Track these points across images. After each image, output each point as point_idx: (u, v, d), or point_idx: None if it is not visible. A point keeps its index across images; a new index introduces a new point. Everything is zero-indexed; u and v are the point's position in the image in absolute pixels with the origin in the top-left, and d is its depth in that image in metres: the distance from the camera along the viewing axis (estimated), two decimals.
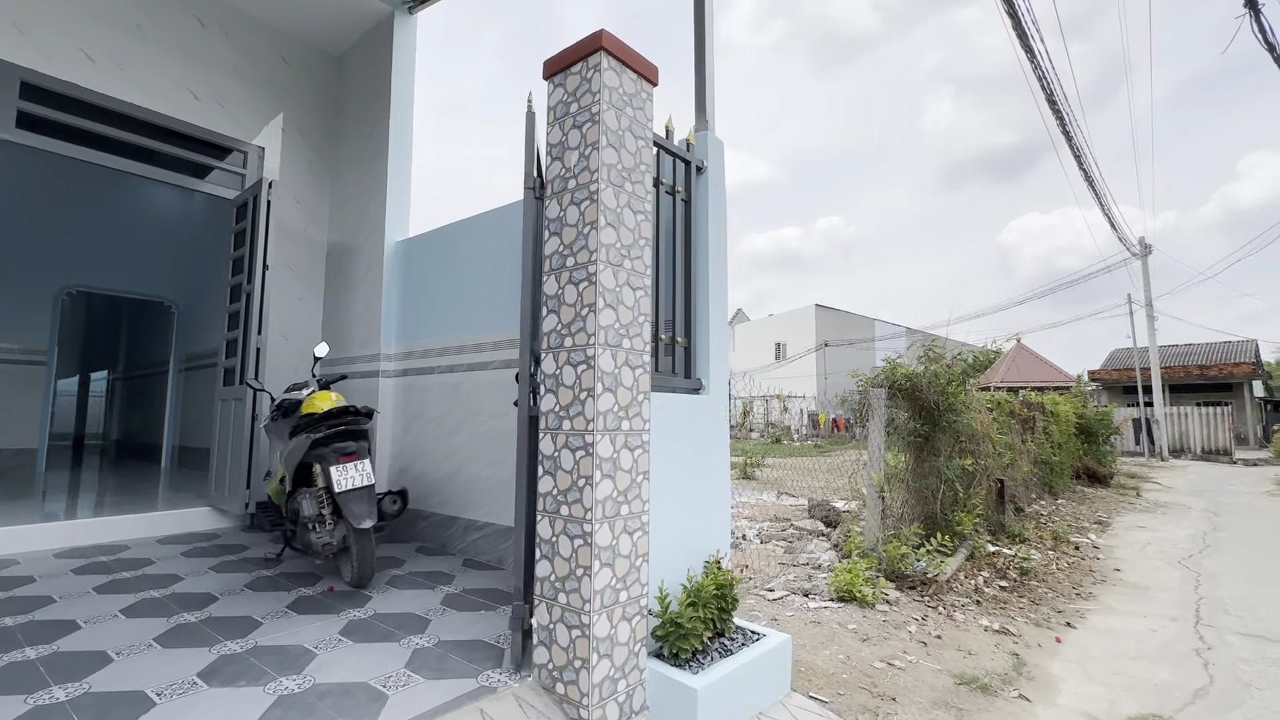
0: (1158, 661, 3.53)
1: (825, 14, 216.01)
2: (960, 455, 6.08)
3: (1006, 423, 7.97)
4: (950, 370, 5.40)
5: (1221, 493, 12.15)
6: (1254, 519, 8.72)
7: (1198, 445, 22.99)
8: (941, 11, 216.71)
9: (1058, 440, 10.35)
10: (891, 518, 5.20)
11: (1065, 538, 6.72)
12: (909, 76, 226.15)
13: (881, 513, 4.94)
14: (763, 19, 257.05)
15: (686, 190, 3.10)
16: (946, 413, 5.28)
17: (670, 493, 2.73)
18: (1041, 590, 4.88)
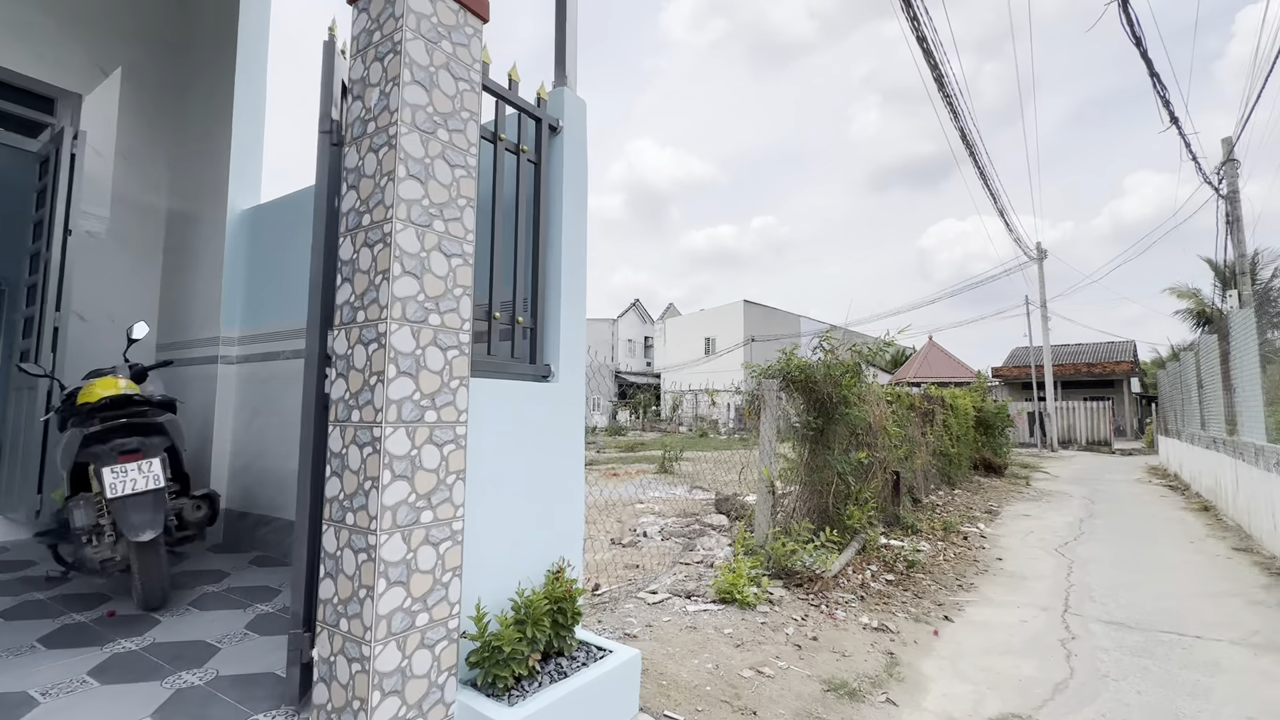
0: (1025, 655, 3.50)
1: (763, 17, 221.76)
2: (857, 448, 6.05)
3: (906, 415, 8.11)
4: (844, 362, 5.32)
5: (1100, 481, 13.04)
6: (1125, 505, 9.32)
7: (1083, 437, 24.89)
8: (870, 22, 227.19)
9: (957, 433, 10.74)
10: (784, 513, 5.06)
11: (956, 528, 6.86)
12: (841, 83, 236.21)
13: (772, 508, 4.78)
14: (703, 18, 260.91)
15: (536, 151, 2.74)
16: (840, 405, 5.19)
17: (501, 495, 2.37)
18: (926, 583, 4.86)
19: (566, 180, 2.80)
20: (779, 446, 5.72)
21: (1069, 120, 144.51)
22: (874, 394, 6.54)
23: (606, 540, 6.51)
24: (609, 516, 8.00)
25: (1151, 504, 9.49)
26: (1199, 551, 6.10)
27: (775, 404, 4.85)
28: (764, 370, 5.09)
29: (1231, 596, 4.57)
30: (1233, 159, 11.59)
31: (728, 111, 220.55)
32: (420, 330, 1.99)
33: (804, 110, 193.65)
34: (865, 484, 6.11)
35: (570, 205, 2.81)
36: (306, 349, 2.13)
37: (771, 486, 4.75)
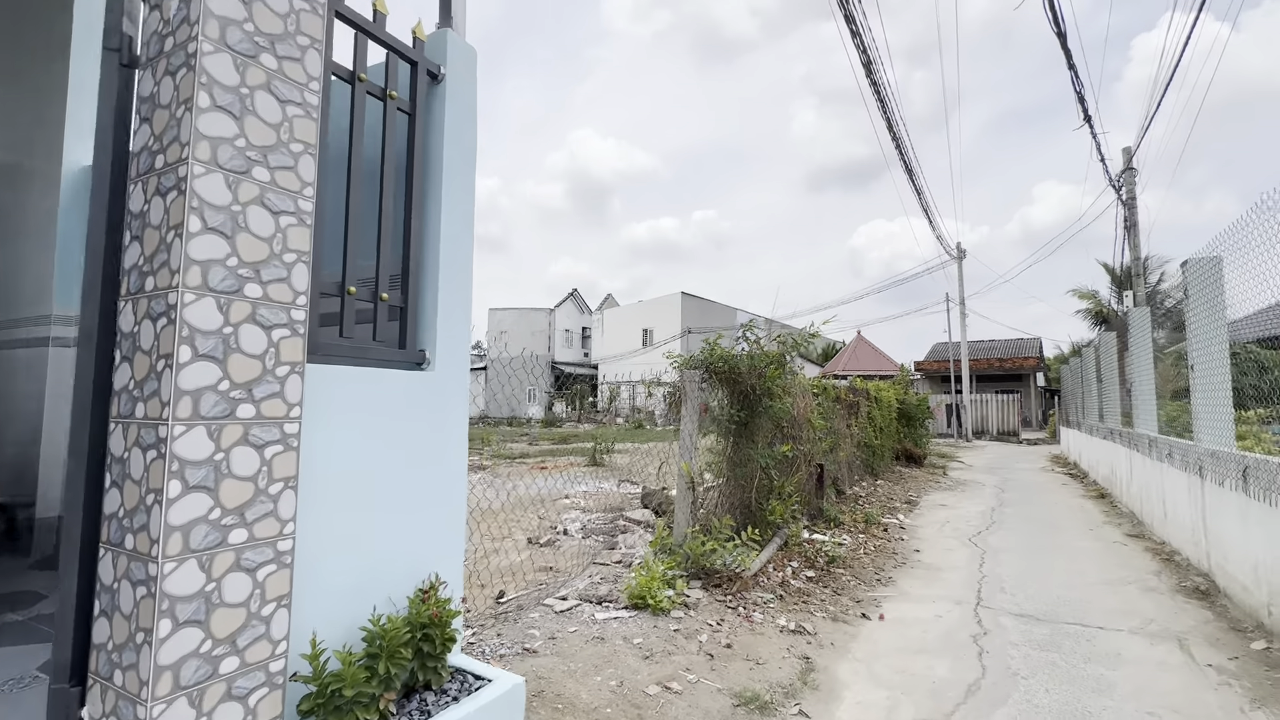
0: (939, 654, 3.42)
1: (707, 12, 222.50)
2: (781, 441, 5.93)
3: (832, 408, 8.13)
4: (768, 354, 5.16)
5: (1009, 470, 13.74)
6: (1032, 494, 9.78)
7: (995, 427, 26.41)
8: (809, 23, 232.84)
9: (880, 425, 10.98)
10: (706, 509, 4.86)
11: (877, 520, 6.91)
12: (781, 83, 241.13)
13: (692, 505, 4.56)
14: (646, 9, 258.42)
15: (411, 99, 2.34)
16: (764, 398, 5.03)
17: (356, 505, 2.00)
18: (846, 578, 4.79)
19: (449, 136, 2.42)
20: (703, 440, 5.53)
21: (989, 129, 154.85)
22: (799, 386, 6.46)
23: (523, 540, 6.15)
24: (532, 513, 7.63)
25: (1055, 492, 10.00)
26: (1098, 539, 6.37)
27: (697, 396, 4.63)
28: (686, 361, 4.86)
29: (1128, 584, 4.72)
30: (1131, 167, 12.39)
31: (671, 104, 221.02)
32: (231, 303, 1.59)
33: (745, 107, 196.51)
34: (789, 478, 6.02)
35: (454, 165, 2.43)
36: (81, 324, 1.68)
37: (691, 482, 4.53)
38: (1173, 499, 5.62)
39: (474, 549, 5.48)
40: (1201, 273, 4.70)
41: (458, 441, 2.43)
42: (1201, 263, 4.70)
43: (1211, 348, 4.59)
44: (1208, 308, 4.63)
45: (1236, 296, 6.06)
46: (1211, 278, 4.64)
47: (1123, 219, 12.57)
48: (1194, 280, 4.74)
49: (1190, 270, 4.77)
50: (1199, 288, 4.70)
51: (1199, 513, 4.81)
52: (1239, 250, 4.29)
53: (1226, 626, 3.78)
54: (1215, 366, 4.58)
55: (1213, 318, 4.60)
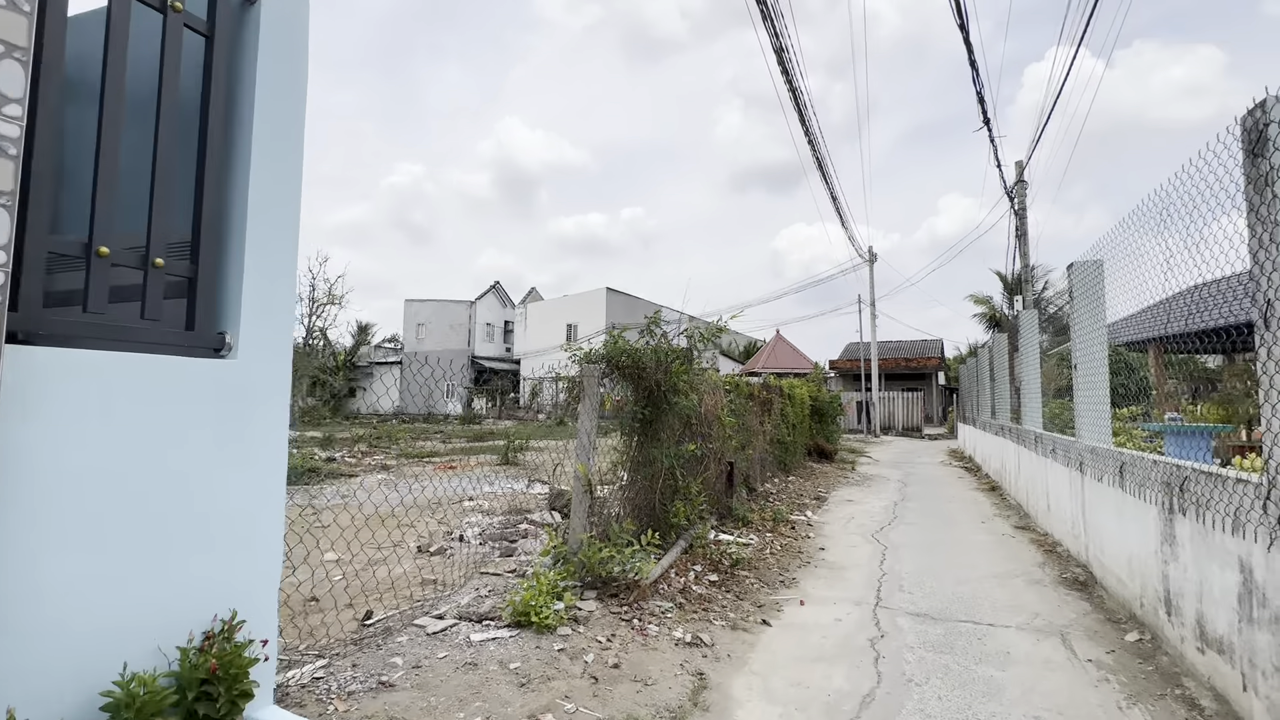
0: (836, 661, 3.29)
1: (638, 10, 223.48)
2: (690, 439, 5.74)
3: (745, 405, 8.07)
4: (674, 348, 4.93)
5: (912, 464, 14.39)
6: (931, 487, 10.19)
7: (901, 423, 27.90)
8: (736, 29, 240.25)
9: (793, 421, 11.13)
10: (607, 513, 4.57)
11: (786, 517, 6.89)
12: (708, 84, 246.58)
13: (589, 509, 4.25)
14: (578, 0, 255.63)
15: (210, 19, 1.88)
16: (669, 394, 4.79)
17: (102, 527, 1.54)
18: (750, 581, 4.64)
19: (265, 70, 1.97)
20: (608, 440, 5.24)
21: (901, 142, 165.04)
22: (710, 383, 6.30)
23: (413, 548, 5.63)
24: (431, 517, 7.07)
25: (951, 485, 10.48)
26: (989, 531, 6.61)
27: (597, 393, 4.32)
28: (586, 355, 4.54)
29: (1015, 577, 4.85)
30: (1023, 180, 13.28)
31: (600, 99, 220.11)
32: None
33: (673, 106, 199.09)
34: (696, 477, 5.83)
35: (272, 105, 1.98)
36: None
37: (588, 485, 4.22)
38: (1056, 493, 5.89)
39: (353, 561, 4.94)
40: (1085, 275, 4.88)
41: (274, 444, 1.99)
42: (1085, 266, 4.89)
43: (1093, 348, 4.78)
44: (1090, 309, 4.81)
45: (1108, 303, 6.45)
46: (1094, 280, 4.83)
47: (1014, 228, 13.48)
48: (1078, 282, 4.93)
49: (1075, 273, 4.96)
50: (1083, 289, 4.88)
51: (1079, 506, 5.02)
52: (1109, 259, 4.49)
53: (1104, 618, 3.90)
54: (1096, 366, 4.76)
55: (1094, 318, 4.78)
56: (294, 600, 4.04)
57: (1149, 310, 4.91)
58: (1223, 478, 2.61)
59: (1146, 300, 4.32)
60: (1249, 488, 2.40)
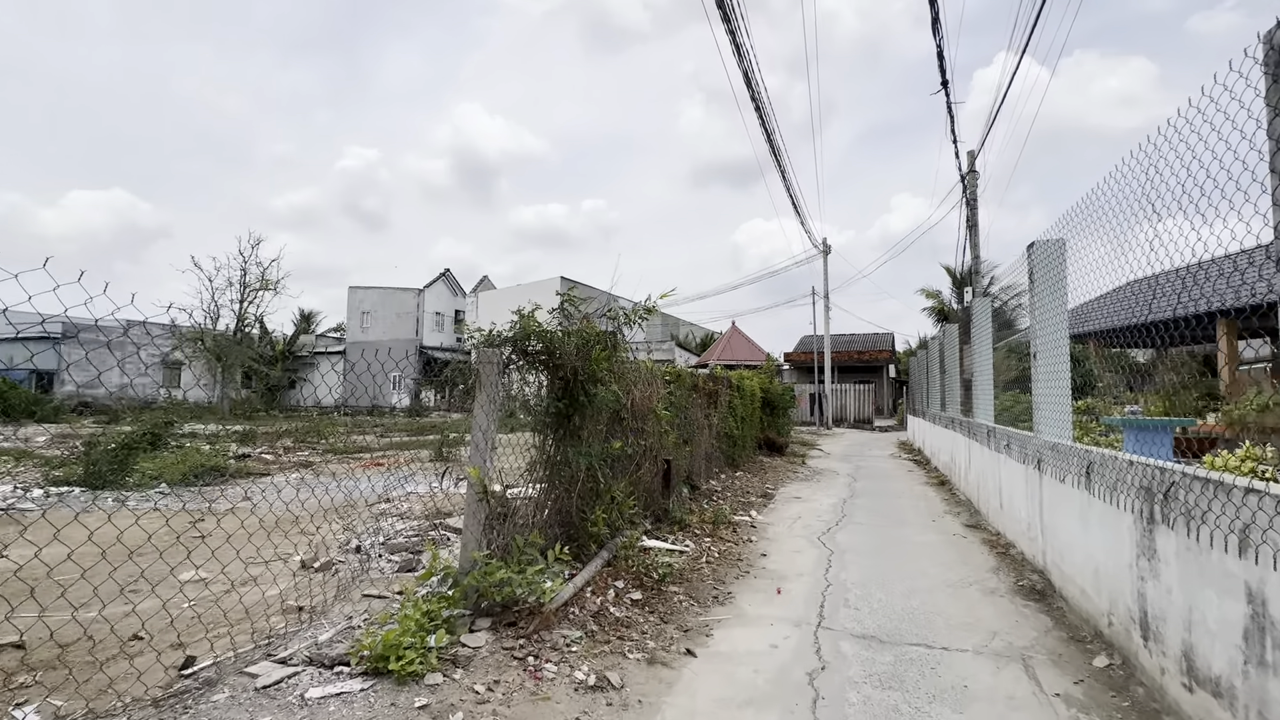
0: (768, 707, 2.72)
1: None
2: (621, 435, 5.12)
3: (688, 397, 7.51)
4: (595, 330, 4.29)
5: (862, 457, 14.20)
6: (880, 481, 9.89)
7: (852, 415, 28.06)
8: (699, 24, 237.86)
9: (742, 414, 10.66)
10: (506, 526, 3.90)
11: (728, 519, 6.36)
12: (670, 77, 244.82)
13: (486, 521, 3.58)
14: None
15: None
16: (588, 383, 4.15)
17: None
18: (679, 599, 4.06)
19: None
20: (522, 436, 4.56)
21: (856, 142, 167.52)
22: (646, 372, 5.68)
23: (296, 563, 4.85)
24: (340, 522, 6.25)
25: (901, 479, 10.21)
26: (939, 531, 6.24)
27: (497, 383, 3.64)
28: (487, 337, 3.84)
29: (968, 586, 4.42)
30: (974, 170, 13.17)
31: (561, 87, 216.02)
32: None
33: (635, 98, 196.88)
34: (626, 477, 5.22)
35: None
36: None
37: (484, 493, 3.55)
38: (1009, 490, 5.52)
39: (218, 581, 4.14)
40: (1046, 256, 4.46)
41: None
42: (1047, 246, 4.47)
43: (1054, 335, 4.36)
44: (1051, 293, 4.40)
45: None
46: (1055, 262, 4.41)
47: (965, 218, 13.37)
48: (1039, 264, 4.50)
49: (1036, 253, 4.53)
50: (1044, 272, 4.46)
51: (1036, 507, 4.63)
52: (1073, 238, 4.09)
53: (1066, 636, 3.47)
54: (1057, 355, 4.35)
55: (1055, 303, 4.37)
56: (109, 641, 3.24)
57: (1104, 299, 4.55)
58: (1226, 486, 2.14)
59: (1110, 285, 3.93)
60: (1267, 501, 1.92)
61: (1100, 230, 3.57)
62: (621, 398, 4.54)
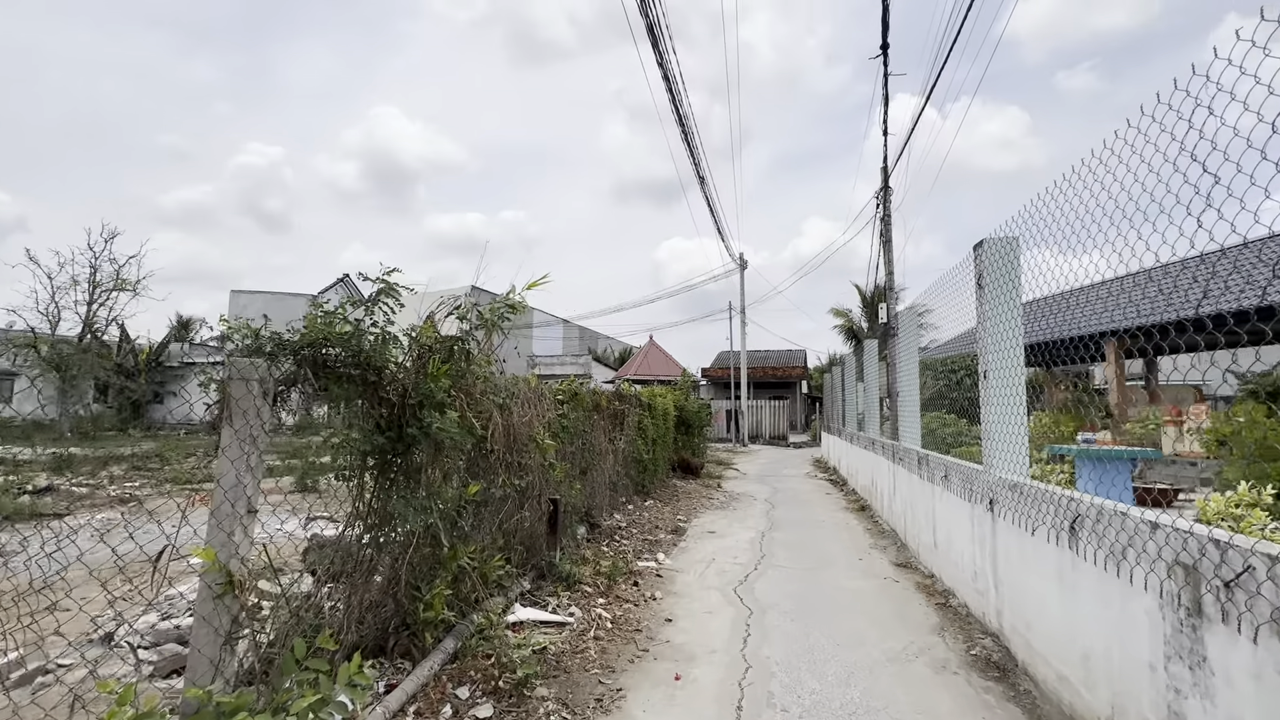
0: None
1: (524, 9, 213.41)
2: (490, 473, 3.95)
3: (586, 420, 6.42)
4: (433, 336, 3.12)
5: (779, 477, 13.63)
6: (799, 507, 9.20)
7: (768, 432, 27.97)
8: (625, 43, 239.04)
9: (653, 436, 9.69)
10: (285, 627, 2.63)
11: (628, 567, 5.29)
12: (595, 94, 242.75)
13: (233, 625, 2.30)
14: None
15: None
16: (423, 408, 2.96)
17: None
18: (546, 709, 2.92)
19: None
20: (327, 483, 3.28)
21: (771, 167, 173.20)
22: (525, 391, 4.55)
23: None
24: (125, 587, 4.60)
25: (820, 504, 9.57)
26: (868, 573, 5.46)
27: (259, 411, 2.39)
28: (252, 339, 2.56)
29: (915, 658, 3.58)
30: (888, 186, 13.13)
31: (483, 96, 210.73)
32: None
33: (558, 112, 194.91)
34: (496, 526, 4.06)
35: None
36: None
37: (231, 585, 2.27)
38: (948, 529, 4.81)
39: None
40: (998, 256, 3.77)
41: None
42: (998, 244, 3.77)
43: (1008, 349, 3.65)
44: (1004, 298, 3.69)
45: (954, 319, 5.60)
46: (1008, 261, 3.72)
47: (880, 232, 13.29)
48: (990, 264, 3.80)
49: (985, 253, 3.83)
50: (995, 273, 3.76)
51: (987, 556, 3.88)
52: None
53: None
54: (1012, 373, 3.64)
55: (1009, 310, 3.67)
56: None
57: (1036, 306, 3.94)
58: None
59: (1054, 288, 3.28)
60: None
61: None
62: (478, 427, 3.36)
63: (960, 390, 8.35)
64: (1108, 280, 2.71)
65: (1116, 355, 13.37)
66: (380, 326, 2.84)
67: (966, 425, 7.42)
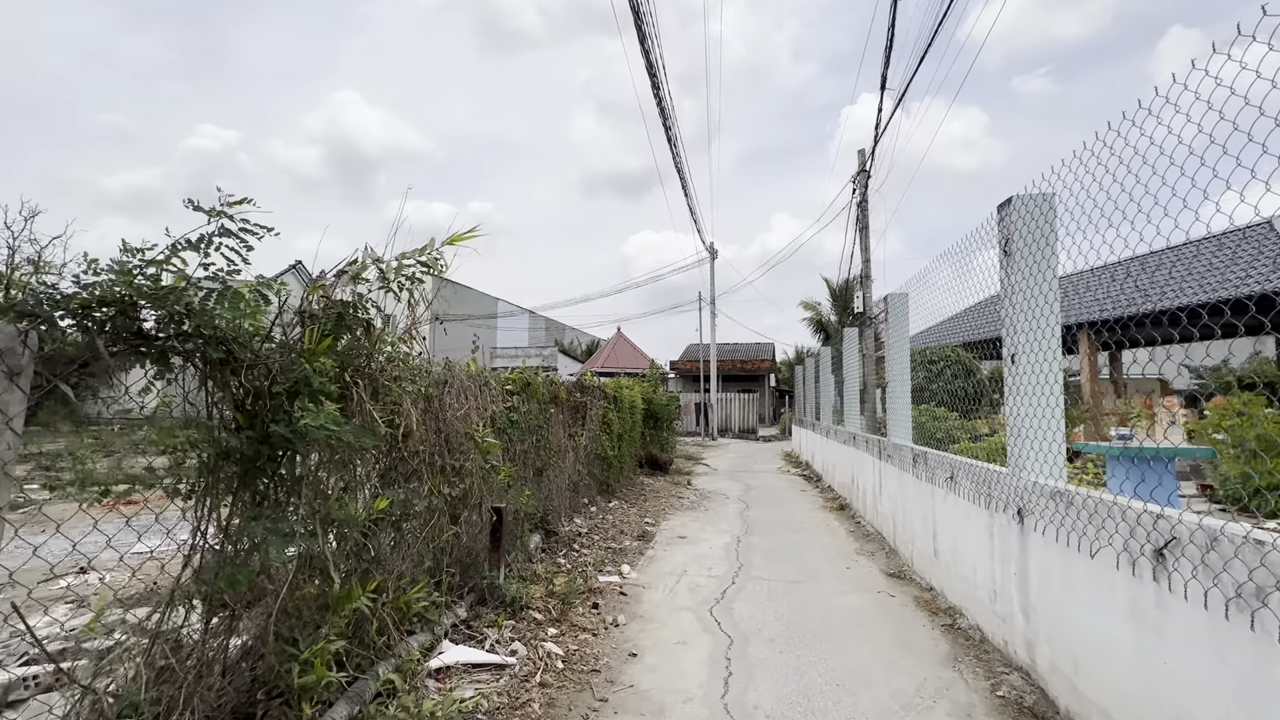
0: None
1: None
2: (403, 481, 3.17)
3: (541, 414, 5.64)
4: (323, 298, 2.31)
5: (751, 473, 13.06)
6: (776, 506, 8.60)
7: (737, 425, 27.55)
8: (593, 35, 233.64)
9: (619, 431, 8.95)
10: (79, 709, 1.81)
11: (586, 586, 4.55)
12: (564, 85, 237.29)
13: None
14: None
15: None
16: (299, 397, 2.15)
17: None
18: None
19: None
20: None
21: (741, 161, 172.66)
22: (460, 380, 3.76)
23: None
24: None
25: (797, 503, 9.00)
26: (860, 586, 4.85)
27: (12, 404, 1.56)
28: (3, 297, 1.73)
29: (933, 703, 2.95)
30: (865, 170, 12.65)
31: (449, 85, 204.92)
32: None
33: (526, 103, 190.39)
34: (422, 544, 3.28)
35: None
36: None
37: None
38: (954, 539, 4.21)
39: None
40: (1030, 216, 3.13)
41: None
42: (1031, 202, 3.14)
43: (1042, 325, 3.03)
44: (1038, 264, 3.07)
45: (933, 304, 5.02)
46: (1041, 223, 3.09)
47: (856, 219, 12.81)
48: (1019, 227, 3.17)
49: (1015, 212, 3.19)
50: (1027, 237, 3.13)
51: (1012, 575, 3.26)
52: None
53: None
54: (1046, 355, 3.02)
55: (1043, 280, 3.04)
56: None
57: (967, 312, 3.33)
58: None
59: None
60: None
61: None
62: (381, 424, 2.56)
63: (957, 381, 7.83)
64: (1082, 271, 2.66)
65: (1090, 347, 13.22)
66: (222, 278, 2.01)
67: (959, 419, 6.88)
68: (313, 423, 2.01)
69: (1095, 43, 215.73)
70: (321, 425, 2.03)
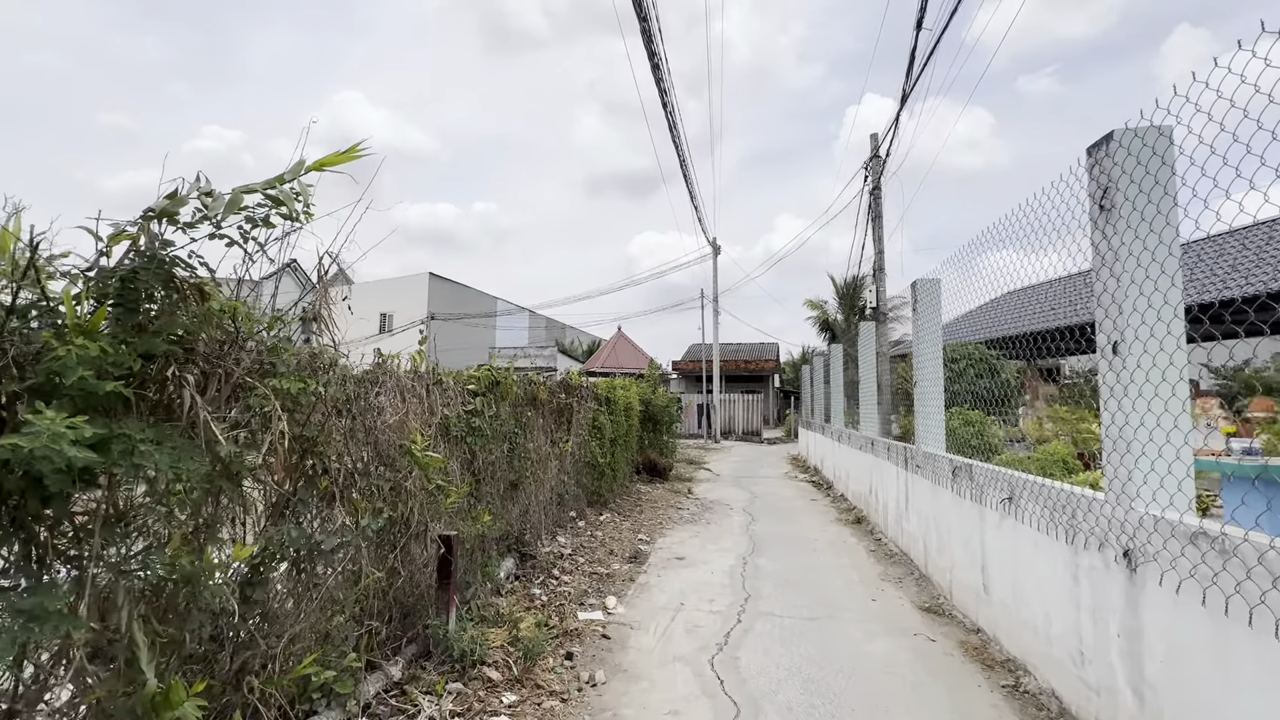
0: None
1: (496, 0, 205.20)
2: (317, 509, 2.40)
3: (518, 418, 4.85)
4: None
5: (756, 479, 12.25)
6: (784, 520, 7.79)
7: (740, 427, 26.72)
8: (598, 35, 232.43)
9: (612, 435, 8.15)
10: None
11: (561, 627, 3.76)
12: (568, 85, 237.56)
13: None
14: None
15: None
16: (34, 401, 1.36)
17: None
18: None
19: None
20: None
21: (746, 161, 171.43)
22: (394, 376, 2.97)
23: None
24: None
25: (807, 515, 8.19)
26: (890, 625, 4.05)
27: None
28: None
29: None
30: (878, 155, 11.85)
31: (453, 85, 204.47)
32: None
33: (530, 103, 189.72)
34: (321, 598, 2.50)
35: None
36: None
37: None
38: (1014, 574, 3.40)
39: None
40: (1141, 156, 2.33)
41: None
42: (1143, 135, 2.34)
43: (1160, 305, 2.23)
44: (1153, 223, 2.27)
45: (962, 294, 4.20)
46: (1159, 164, 2.29)
47: (868, 206, 12.00)
48: (1125, 171, 2.36)
49: (1119, 151, 2.39)
50: (1136, 184, 2.32)
51: (1114, 637, 2.46)
52: None
53: None
54: (1165, 345, 2.22)
55: (1160, 241, 2.24)
56: None
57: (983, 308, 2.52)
58: None
59: None
60: None
61: None
62: (223, 440, 1.77)
63: (981, 381, 7.02)
64: None
65: None
66: None
67: (998, 425, 6.07)
68: (29, 445, 1.21)
69: (1102, 42, 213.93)
70: (46, 447, 1.22)
